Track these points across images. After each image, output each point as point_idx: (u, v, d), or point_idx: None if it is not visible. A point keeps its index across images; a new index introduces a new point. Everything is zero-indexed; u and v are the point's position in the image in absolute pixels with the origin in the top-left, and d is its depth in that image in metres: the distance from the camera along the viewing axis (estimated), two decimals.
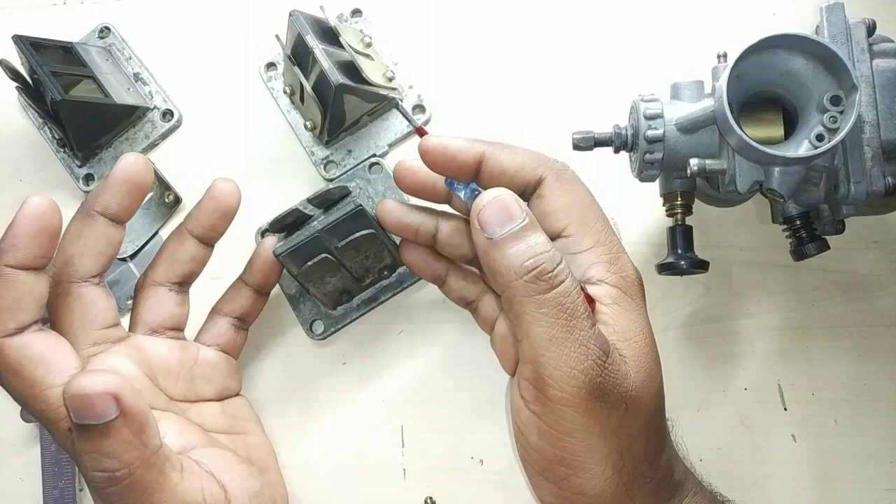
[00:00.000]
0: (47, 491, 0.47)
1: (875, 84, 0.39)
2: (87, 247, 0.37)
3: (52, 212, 0.34)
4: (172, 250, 0.41)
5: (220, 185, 0.41)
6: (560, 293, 0.32)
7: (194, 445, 0.38)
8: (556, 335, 0.32)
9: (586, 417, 0.32)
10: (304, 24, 0.47)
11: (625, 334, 0.34)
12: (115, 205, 0.37)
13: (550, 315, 0.32)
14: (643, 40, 0.52)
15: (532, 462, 0.35)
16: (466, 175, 0.37)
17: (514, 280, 0.32)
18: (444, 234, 0.41)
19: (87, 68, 0.50)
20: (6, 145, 0.54)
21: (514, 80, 0.52)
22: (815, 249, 0.42)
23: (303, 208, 0.45)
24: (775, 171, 0.38)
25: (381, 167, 0.51)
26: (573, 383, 0.31)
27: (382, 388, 0.48)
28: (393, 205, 0.41)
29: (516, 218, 0.33)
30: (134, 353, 0.39)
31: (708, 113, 0.39)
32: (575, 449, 0.32)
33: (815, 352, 0.47)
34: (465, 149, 0.36)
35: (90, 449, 0.31)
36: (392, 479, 0.47)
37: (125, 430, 0.31)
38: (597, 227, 0.36)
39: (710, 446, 0.46)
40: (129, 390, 0.31)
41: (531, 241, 0.32)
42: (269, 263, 0.44)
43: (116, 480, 0.32)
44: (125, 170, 0.37)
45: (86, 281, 0.37)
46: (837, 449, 0.46)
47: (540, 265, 0.32)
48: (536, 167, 0.36)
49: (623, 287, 0.35)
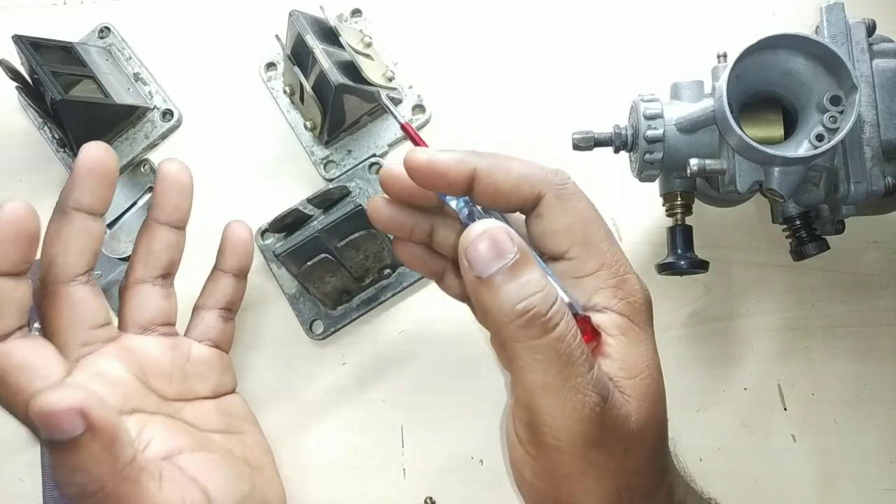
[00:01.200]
0: (47, 491, 0.47)
1: (875, 84, 0.39)
2: (70, 245, 0.36)
3: (29, 216, 0.34)
4: (146, 244, 0.41)
5: (166, 166, 0.40)
6: (554, 339, 0.29)
7: (181, 449, 0.37)
8: (551, 383, 0.29)
9: (583, 464, 0.30)
10: (304, 24, 0.47)
11: (630, 371, 0.32)
12: (87, 197, 0.36)
13: (544, 361, 0.29)
14: (643, 40, 0.52)
15: (528, 495, 0.34)
16: (458, 192, 0.34)
17: (505, 323, 0.30)
18: (441, 235, 0.38)
19: (87, 68, 0.51)
20: (6, 145, 0.54)
21: (514, 79, 0.52)
22: (815, 249, 0.42)
23: (303, 208, 0.45)
24: (775, 171, 0.38)
25: (380, 167, 0.51)
26: (569, 433, 0.30)
27: (382, 388, 0.48)
28: (383, 203, 0.37)
29: (507, 253, 0.30)
30: (124, 353, 0.39)
31: (708, 113, 0.39)
32: (571, 490, 0.31)
33: (815, 352, 0.47)
34: (454, 165, 0.33)
35: (60, 463, 0.31)
36: (392, 479, 0.47)
37: (93, 444, 0.31)
38: (601, 247, 0.33)
39: (710, 446, 0.46)
40: (95, 404, 0.31)
41: (523, 280, 0.30)
42: (240, 244, 0.44)
43: (89, 494, 0.31)
44: (87, 159, 0.36)
45: (73, 281, 0.37)
46: (837, 449, 0.46)
47: (532, 308, 0.29)
48: (534, 184, 0.33)
49: (630, 314, 0.33)
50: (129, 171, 0.52)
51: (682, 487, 0.36)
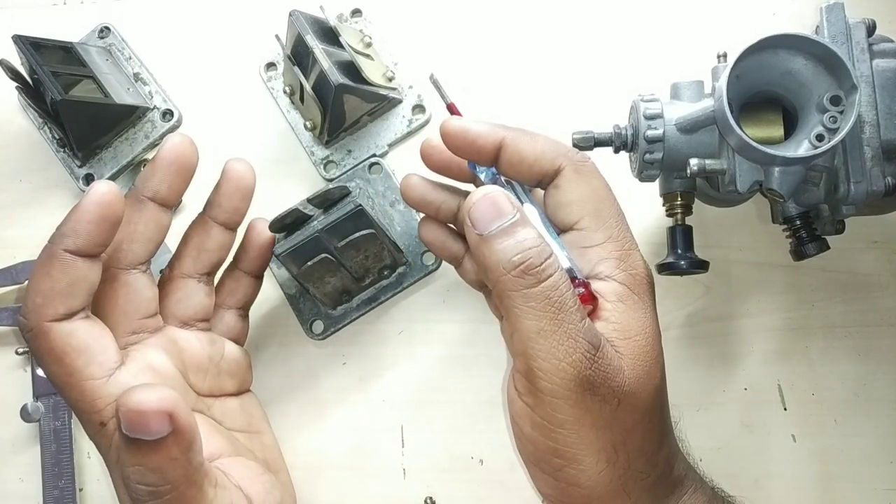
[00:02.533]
0: (47, 491, 0.47)
1: (875, 84, 0.39)
2: (138, 233, 0.37)
3: (117, 200, 0.34)
4: (199, 240, 0.41)
5: (234, 166, 0.41)
6: (547, 287, 0.32)
7: (220, 453, 0.38)
8: (545, 328, 0.32)
9: (577, 409, 0.32)
10: (304, 24, 0.47)
11: (625, 332, 0.34)
12: (164, 188, 0.37)
13: (538, 308, 0.32)
14: (643, 40, 0.52)
15: (527, 453, 0.35)
16: (486, 160, 0.37)
17: (502, 275, 0.32)
18: None
19: (87, 68, 0.50)
20: (6, 145, 0.54)
21: (514, 80, 0.52)
22: (815, 249, 0.42)
23: (303, 208, 0.45)
24: (775, 171, 0.38)
25: (380, 167, 0.51)
26: (562, 375, 0.32)
27: (382, 388, 0.48)
28: (417, 180, 0.41)
29: (506, 214, 0.33)
30: (170, 346, 0.39)
31: (708, 113, 0.39)
32: (567, 440, 0.33)
33: (815, 352, 0.47)
34: (484, 134, 0.36)
35: (136, 462, 0.31)
36: (392, 479, 0.47)
37: (174, 447, 0.31)
38: (610, 222, 0.35)
39: (710, 446, 0.46)
40: (182, 408, 0.31)
41: (520, 237, 0.32)
42: (265, 246, 0.44)
43: (159, 495, 0.32)
44: (172, 150, 0.37)
45: (134, 268, 0.37)
46: (837, 449, 0.46)
47: (527, 260, 0.32)
48: (555, 157, 0.36)
49: (630, 285, 0.35)
50: (130, 171, 0.52)
51: (683, 463, 0.37)
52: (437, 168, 0.40)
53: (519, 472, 0.46)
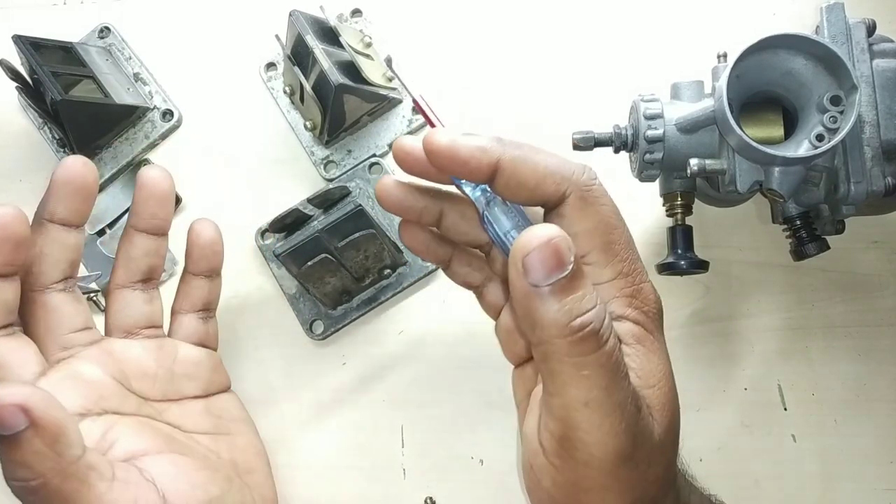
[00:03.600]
0: None
1: (875, 84, 0.39)
2: (44, 255, 0.37)
3: (17, 221, 0.34)
4: (125, 250, 0.41)
5: (147, 173, 0.41)
6: (604, 354, 0.28)
7: (147, 451, 0.37)
8: (595, 398, 0.28)
9: (609, 479, 0.30)
10: (304, 24, 0.47)
11: (648, 380, 0.31)
12: (61, 209, 0.37)
13: (591, 378, 0.28)
14: (643, 40, 0.52)
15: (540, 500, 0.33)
16: (478, 180, 0.33)
17: (556, 338, 0.28)
18: (450, 220, 0.36)
19: (87, 68, 0.50)
20: (6, 145, 0.54)
21: (514, 80, 0.52)
22: (815, 249, 0.42)
23: (303, 208, 0.45)
24: (775, 171, 0.38)
25: (381, 167, 0.51)
26: (604, 449, 0.29)
27: (382, 388, 0.48)
28: (392, 184, 0.36)
29: (566, 265, 0.28)
30: (104, 357, 0.39)
31: (708, 113, 0.39)
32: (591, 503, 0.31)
33: (815, 352, 0.47)
34: (478, 155, 0.31)
35: (5, 458, 0.31)
36: (392, 479, 0.47)
37: (36, 440, 0.31)
38: (621, 255, 0.32)
39: (710, 446, 0.46)
40: (39, 401, 0.31)
41: (580, 294, 0.28)
42: (207, 246, 0.43)
43: (31, 490, 0.32)
44: (65, 172, 0.37)
45: (48, 288, 0.38)
46: (837, 449, 0.46)
47: (589, 325, 0.28)
48: (560, 182, 0.31)
49: (644, 323, 0.32)
50: (129, 171, 0.52)
51: (687, 488, 0.36)
52: (414, 172, 0.34)
53: (519, 473, 0.46)
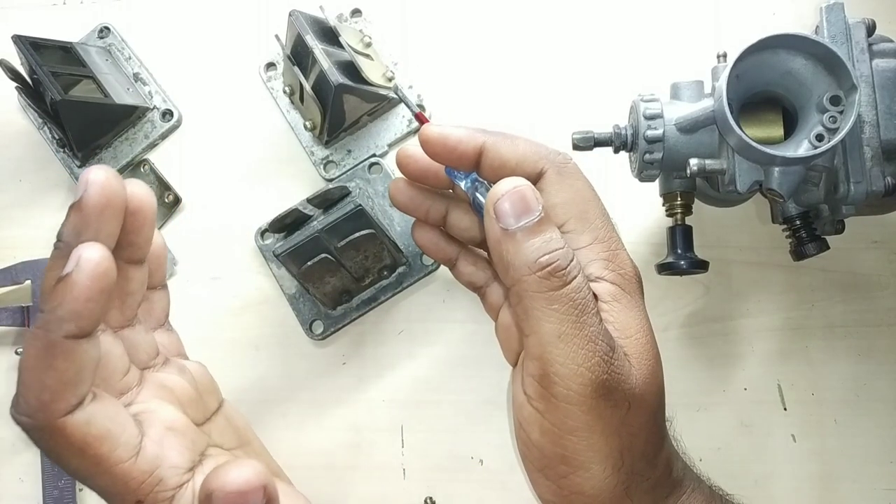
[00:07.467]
0: (47, 491, 0.47)
1: (875, 84, 0.39)
2: None
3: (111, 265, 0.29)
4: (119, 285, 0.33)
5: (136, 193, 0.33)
6: (572, 289, 0.31)
7: None
8: (566, 332, 0.31)
9: (590, 416, 0.32)
10: (303, 24, 0.47)
11: (625, 332, 0.34)
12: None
13: (561, 311, 0.31)
14: (643, 40, 0.52)
15: (532, 459, 0.34)
16: (467, 165, 0.36)
17: (526, 275, 0.31)
18: (454, 217, 0.40)
19: (86, 68, 0.50)
20: (6, 145, 0.54)
21: (514, 80, 0.52)
22: (815, 249, 0.42)
23: (303, 208, 0.45)
24: (775, 171, 0.38)
25: (380, 167, 0.51)
26: (580, 381, 0.31)
27: (382, 388, 0.48)
28: (404, 185, 0.40)
29: (533, 211, 0.32)
30: (162, 392, 0.36)
31: (708, 113, 0.39)
32: (577, 447, 0.32)
33: (815, 352, 0.47)
34: (465, 139, 0.35)
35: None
36: (392, 479, 0.47)
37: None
38: (596, 223, 0.35)
39: (710, 446, 0.46)
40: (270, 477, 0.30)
41: (547, 237, 0.32)
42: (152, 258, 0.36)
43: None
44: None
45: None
46: (837, 449, 0.46)
47: (555, 261, 0.31)
48: (537, 160, 0.35)
49: (622, 284, 0.35)
50: (129, 171, 0.52)
51: (681, 463, 0.37)
52: (415, 177, 0.39)
53: (519, 473, 0.46)
